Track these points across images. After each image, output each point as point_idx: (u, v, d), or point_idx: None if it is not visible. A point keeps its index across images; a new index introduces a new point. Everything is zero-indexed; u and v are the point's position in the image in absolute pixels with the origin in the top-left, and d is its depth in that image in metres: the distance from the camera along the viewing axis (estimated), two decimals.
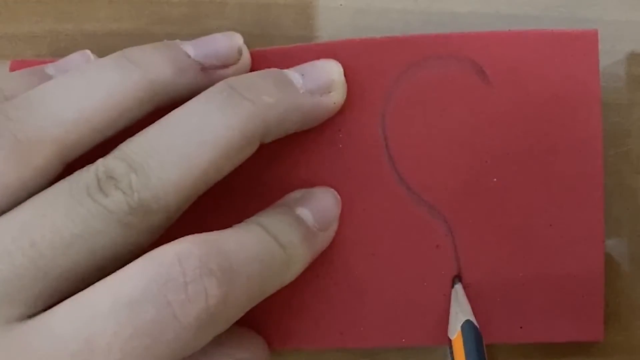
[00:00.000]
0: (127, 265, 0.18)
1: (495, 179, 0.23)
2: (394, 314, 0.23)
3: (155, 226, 0.19)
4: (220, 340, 0.20)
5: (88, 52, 0.23)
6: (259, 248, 0.19)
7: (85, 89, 0.20)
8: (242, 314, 0.19)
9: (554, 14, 0.25)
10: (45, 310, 0.18)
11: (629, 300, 0.24)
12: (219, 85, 0.20)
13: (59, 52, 0.24)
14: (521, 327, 0.23)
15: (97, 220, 0.18)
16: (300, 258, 0.21)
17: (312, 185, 0.23)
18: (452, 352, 0.21)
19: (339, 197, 0.23)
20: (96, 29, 0.25)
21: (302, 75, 0.22)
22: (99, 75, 0.20)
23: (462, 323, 0.21)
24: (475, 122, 0.23)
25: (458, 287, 0.22)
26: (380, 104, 0.23)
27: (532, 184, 0.23)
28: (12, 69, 0.24)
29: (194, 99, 0.20)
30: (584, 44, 0.22)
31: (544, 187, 0.22)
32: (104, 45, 0.25)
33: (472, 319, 0.21)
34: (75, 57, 0.23)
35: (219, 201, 0.23)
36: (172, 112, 0.20)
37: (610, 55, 0.24)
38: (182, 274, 0.17)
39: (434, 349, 0.24)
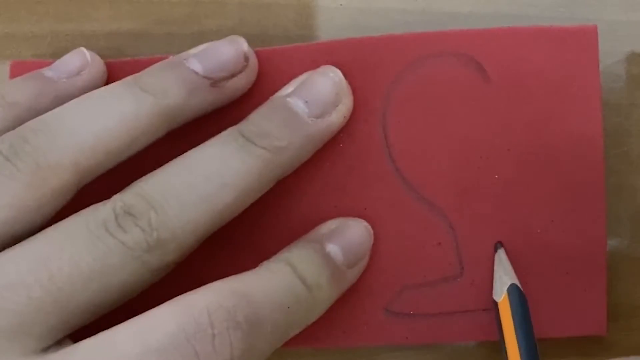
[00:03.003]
0: (156, 309, 0.18)
1: (496, 176, 0.23)
2: (396, 312, 0.23)
3: (170, 263, 0.20)
4: None
5: (83, 49, 0.23)
6: (286, 293, 0.20)
7: (99, 119, 0.20)
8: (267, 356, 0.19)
9: (553, 14, 0.25)
10: (57, 342, 0.18)
11: (629, 300, 0.24)
12: (232, 133, 0.21)
13: (59, 52, 0.24)
14: None
15: (115, 256, 0.18)
16: (325, 300, 0.21)
17: (313, 184, 0.23)
18: (498, 315, 0.21)
19: (371, 230, 0.23)
20: (96, 29, 0.25)
21: (306, 102, 0.21)
22: (112, 106, 0.20)
23: (507, 286, 0.21)
24: (476, 119, 0.23)
25: (501, 251, 0.22)
26: (380, 102, 0.23)
27: (534, 179, 0.23)
28: (12, 70, 0.24)
29: (209, 143, 0.20)
30: (583, 39, 0.22)
31: (545, 182, 0.23)
32: (104, 45, 0.25)
33: (517, 282, 0.21)
34: (72, 57, 0.23)
35: None
36: (189, 153, 0.20)
37: (610, 55, 0.24)
38: (211, 325, 0.18)
39: (436, 347, 0.24)
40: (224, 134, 0.21)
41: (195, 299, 0.18)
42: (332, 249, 0.21)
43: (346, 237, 0.22)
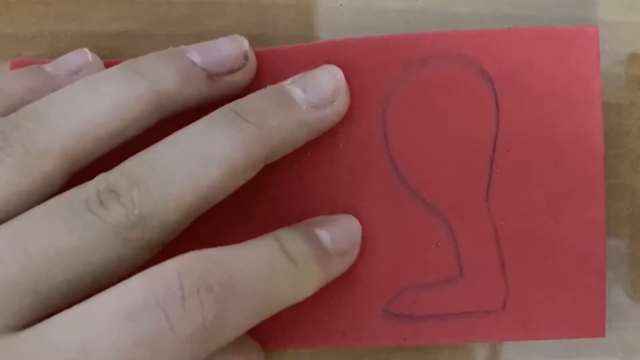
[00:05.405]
0: (128, 279, 0.18)
1: (495, 177, 0.23)
2: (395, 314, 0.23)
3: (154, 243, 0.19)
4: None
5: (86, 50, 0.23)
6: (268, 264, 0.19)
7: (91, 101, 0.20)
8: (247, 329, 0.19)
9: (553, 14, 0.25)
10: (37, 322, 0.18)
11: (628, 300, 0.24)
12: (223, 110, 0.21)
13: (59, 52, 0.24)
14: (523, 325, 0.23)
15: (95, 233, 0.18)
16: (313, 277, 0.21)
17: (313, 184, 0.23)
18: None
19: (360, 225, 0.23)
20: (96, 29, 0.25)
21: (304, 90, 0.22)
22: (105, 88, 0.20)
23: None
24: (476, 120, 0.23)
25: None
26: (380, 103, 0.23)
27: (533, 180, 0.23)
28: (12, 70, 0.24)
29: (198, 122, 0.20)
30: (584, 40, 0.22)
31: (545, 182, 0.23)
32: (104, 46, 0.25)
33: None
34: (73, 56, 0.23)
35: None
36: (176, 132, 0.20)
37: (610, 56, 0.24)
38: (180, 287, 0.17)
39: (435, 348, 0.24)
40: (215, 111, 0.21)
41: (166, 264, 0.18)
42: (321, 233, 0.21)
43: (335, 225, 0.22)
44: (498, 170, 0.23)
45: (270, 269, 0.19)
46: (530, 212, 0.23)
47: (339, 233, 0.22)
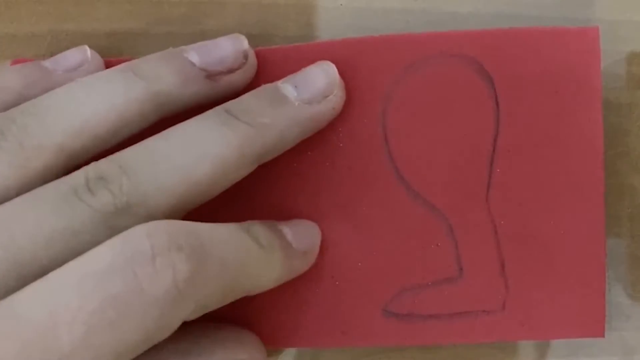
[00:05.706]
0: (98, 245, 0.18)
1: (496, 177, 0.23)
2: (395, 313, 0.23)
3: None
4: (221, 340, 0.20)
5: (85, 47, 0.23)
6: (236, 239, 0.19)
7: (89, 100, 0.20)
8: (217, 304, 0.19)
9: (554, 14, 0.25)
10: None
11: (628, 300, 0.24)
12: (216, 110, 0.21)
13: (59, 52, 0.24)
14: (523, 325, 0.23)
15: (81, 218, 0.18)
16: (278, 264, 0.21)
17: (313, 184, 0.23)
18: None
19: (320, 231, 0.23)
20: (96, 29, 0.25)
21: (296, 86, 0.22)
22: (103, 87, 0.20)
23: None
24: (476, 120, 0.23)
25: None
26: (380, 103, 0.23)
27: (533, 180, 0.23)
28: None
29: (192, 119, 0.20)
30: (584, 41, 0.22)
31: (545, 182, 0.23)
32: (104, 45, 0.25)
33: None
34: (72, 53, 0.23)
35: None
36: (170, 128, 0.20)
37: (610, 55, 0.24)
38: (150, 247, 0.17)
39: (435, 348, 0.24)
40: (209, 111, 0.21)
41: (135, 228, 0.18)
42: (284, 228, 0.22)
43: (297, 225, 0.22)
44: (498, 170, 0.23)
45: (238, 243, 0.19)
46: (530, 212, 0.23)
47: (301, 233, 0.22)
